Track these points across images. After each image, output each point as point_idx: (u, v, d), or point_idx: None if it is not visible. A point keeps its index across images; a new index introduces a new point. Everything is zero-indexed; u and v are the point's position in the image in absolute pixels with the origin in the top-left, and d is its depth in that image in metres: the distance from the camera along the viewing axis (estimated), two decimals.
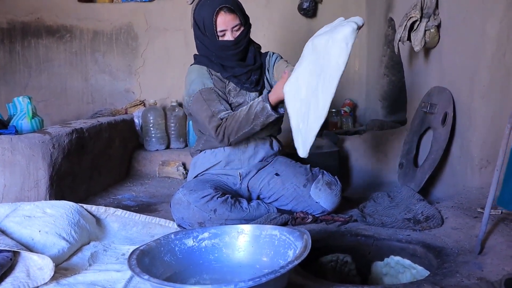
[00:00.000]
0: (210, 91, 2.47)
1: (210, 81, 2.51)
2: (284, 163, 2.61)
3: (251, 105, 2.36)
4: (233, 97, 2.54)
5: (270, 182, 2.54)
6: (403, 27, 2.84)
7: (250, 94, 2.56)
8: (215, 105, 2.43)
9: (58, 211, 2.13)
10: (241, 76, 2.54)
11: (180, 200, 2.37)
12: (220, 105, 2.44)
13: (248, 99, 2.54)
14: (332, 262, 2.20)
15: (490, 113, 2.35)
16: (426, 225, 2.19)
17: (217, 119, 2.39)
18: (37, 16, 4.36)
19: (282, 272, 1.38)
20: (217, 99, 2.45)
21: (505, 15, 2.22)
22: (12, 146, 2.54)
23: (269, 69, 2.65)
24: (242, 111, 2.37)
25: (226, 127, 2.38)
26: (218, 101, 2.45)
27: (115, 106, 4.34)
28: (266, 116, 2.33)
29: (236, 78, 2.53)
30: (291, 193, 2.48)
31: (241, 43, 2.50)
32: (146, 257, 1.62)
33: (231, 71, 2.53)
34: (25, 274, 1.71)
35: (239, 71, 2.53)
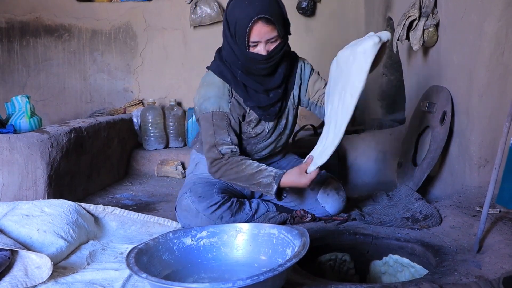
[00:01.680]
0: (223, 117, 2.26)
1: (227, 105, 2.28)
2: (291, 162, 2.56)
3: (261, 169, 2.19)
4: (252, 128, 2.36)
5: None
6: (401, 26, 2.84)
7: (269, 124, 2.39)
8: (221, 134, 2.24)
9: (56, 210, 2.12)
10: (266, 106, 2.33)
11: (189, 207, 2.29)
12: (227, 136, 2.25)
13: (266, 128, 2.38)
14: (331, 261, 2.20)
15: (489, 112, 2.35)
16: (425, 224, 2.20)
17: (217, 152, 2.23)
18: (35, 15, 4.35)
19: (280, 270, 1.38)
20: (227, 128, 2.26)
21: (503, 14, 2.22)
22: (11, 145, 2.54)
23: (301, 85, 2.44)
24: (250, 167, 2.20)
25: (226, 169, 2.22)
26: (227, 131, 2.25)
27: (113, 106, 4.35)
28: (266, 192, 2.20)
29: (261, 110, 2.32)
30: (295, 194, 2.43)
31: (274, 58, 2.22)
32: (144, 256, 1.62)
33: (256, 99, 2.30)
34: (23, 273, 1.70)
35: (264, 101, 2.31)
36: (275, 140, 2.46)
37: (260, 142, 2.42)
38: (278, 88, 2.33)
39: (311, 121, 3.91)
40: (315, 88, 2.43)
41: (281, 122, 2.43)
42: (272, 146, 2.47)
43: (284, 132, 2.47)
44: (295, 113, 2.49)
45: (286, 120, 2.45)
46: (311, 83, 2.44)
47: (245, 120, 2.34)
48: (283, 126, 2.45)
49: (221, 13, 4.16)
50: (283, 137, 2.48)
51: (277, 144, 2.48)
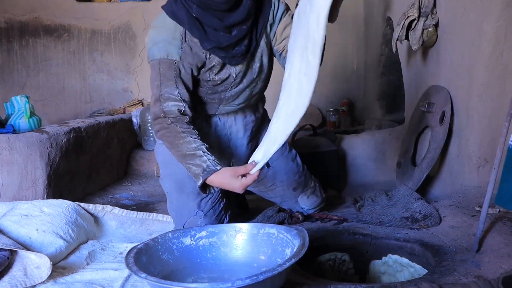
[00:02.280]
0: (171, 65, 1.95)
1: (177, 52, 1.95)
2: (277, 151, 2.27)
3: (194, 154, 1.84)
4: (215, 74, 2.04)
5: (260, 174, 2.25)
6: (401, 26, 2.84)
7: (235, 68, 2.05)
8: (168, 86, 1.94)
9: (55, 210, 2.12)
10: (227, 47, 1.97)
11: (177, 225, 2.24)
12: (174, 88, 1.94)
13: (233, 73, 2.05)
14: (330, 261, 2.19)
15: (488, 112, 2.35)
16: (424, 224, 2.20)
17: (161, 109, 1.93)
18: (35, 15, 4.36)
19: (280, 270, 1.38)
20: (174, 79, 1.94)
21: (502, 14, 2.22)
22: (10, 145, 2.54)
23: (272, 25, 2.07)
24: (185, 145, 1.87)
25: (164, 134, 1.94)
26: (174, 83, 1.94)
27: (113, 106, 4.35)
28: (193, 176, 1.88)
29: (222, 51, 1.97)
30: (279, 191, 2.37)
31: None
32: (144, 256, 1.61)
33: (214, 39, 1.95)
34: (22, 273, 1.70)
35: (225, 40, 1.95)
36: (248, 86, 2.13)
37: (229, 89, 2.10)
38: (242, 23, 1.96)
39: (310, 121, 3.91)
40: (284, 34, 2.06)
41: (253, 65, 2.08)
42: (247, 94, 2.15)
43: (259, 77, 2.13)
44: (270, 54, 2.13)
45: (261, 63, 2.10)
46: (281, 26, 2.07)
47: (206, 67, 2.02)
48: (258, 70, 2.10)
49: None
50: (258, 83, 2.15)
51: (252, 92, 2.16)
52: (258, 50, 2.07)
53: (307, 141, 3.16)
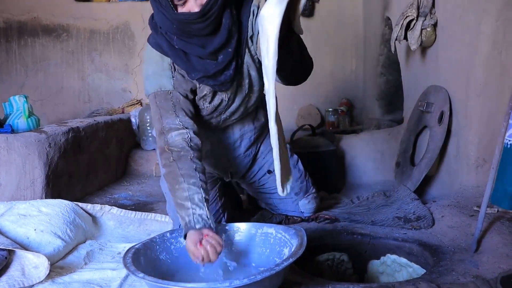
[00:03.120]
0: (166, 96, 1.91)
1: (169, 82, 1.92)
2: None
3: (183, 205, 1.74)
4: (209, 102, 2.00)
5: (261, 180, 2.36)
6: (399, 26, 2.84)
7: (227, 92, 2.01)
8: (169, 117, 1.89)
9: (53, 209, 2.12)
10: (214, 74, 1.90)
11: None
12: (174, 117, 1.88)
13: (225, 97, 2.01)
14: (329, 261, 2.19)
15: (486, 112, 2.35)
16: (416, 225, 2.19)
17: (165, 142, 1.87)
18: (33, 15, 4.36)
19: (277, 270, 1.38)
20: (173, 108, 1.90)
21: (500, 14, 2.22)
22: (8, 145, 2.53)
23: (252, 37, 1.93)
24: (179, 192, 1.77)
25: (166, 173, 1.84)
26: (173, 112, 1.89)
27: (112, 105, 4.35)
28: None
29: (210, 79, 1.91)
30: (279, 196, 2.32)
31: (212, 12, 1.76)
32: (142, 256, 1.61)
33: (201, 68, 1.88)
34: (20, 273, 1.70)
35: (211, 68, 1.88)
36: (241, 104, 2.09)
37: (223, 112, 2.08)
38: (226, 46, 1.87)
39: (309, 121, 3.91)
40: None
41: (242, 82, 2.02)
42: (241, 110, 2.12)
43: (251, 91, 2.07)
44: (259, 66, 2.01)
45: (249, 79, 2.02)
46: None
47: (198, 95, 1.99)
48: (248, 87, 2.04)
49: None
50: (252, 97, 2.09)
51: (247, 106, 2.12)
52: (244, 67, 1.99)
53: (306, 141, 3.16)
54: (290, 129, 3.37)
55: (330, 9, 4.35)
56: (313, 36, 4.30)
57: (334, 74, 4.50)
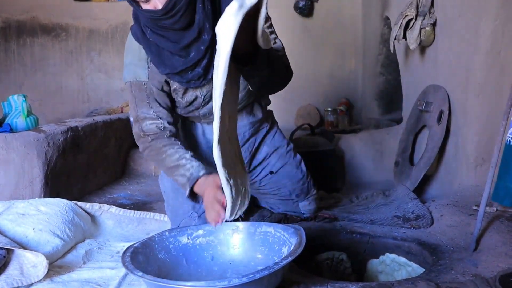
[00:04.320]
0: (140, 87, 1.94)
1: (144, 72, 1.93)
2: (280, 157, 2.28)
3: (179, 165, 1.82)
4: (181, 96, 1.99)
5: (263, 180, 2.30)
6: (398, 26, 2.84)
7: (201, 90, 1.98)
8: (142, 107, 1.94)
9: (52, 208, 2.12)
10: (183, 71, 1.88)
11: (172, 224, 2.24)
12: (148, 108, 1.93)
13: (200, 94, 1.98)
14: (328, 260, 2.19)
15: (485, 111, 2.36)
16: (415, 224, 2.19)
17: (139, 129, 1.95)
18: (32, 15, 4.35)
19: (276, 268, 1.38)
20: (147, 99, 1.94)
21: (499, 13, 2.22)
22: (7, 144, 2.53)
23: None
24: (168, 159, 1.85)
25: (149, 154, 1.95)
26: (147, 103, 1.93)
27: (111, 105, 4.34)
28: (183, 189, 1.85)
29: (178, 75, 1.90)
30: (282, 196, 2.33)
31: (177, 9, 1.71)
32: (140, 255, 1.61)
33: (169, 64, 1.87)
34: (18, 272, 1.70)
35: (180, 65, 1.86)
36: None
37: (201, 108, 2.05)
38: (198, 42, 1.82)
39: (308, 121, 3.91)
40: None
41: None
42: None
43: None
44: None
45: None
46: None
47: (170, 88, 1.99)
48: None
49: None
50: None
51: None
52: None
53: (305, 141, 3.16)
54: (289, 129, 3.37)
55: (329, 8, 4.35)
56: (312, 36, 4.30)
57: (333, 73, 4.50)
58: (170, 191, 2.25)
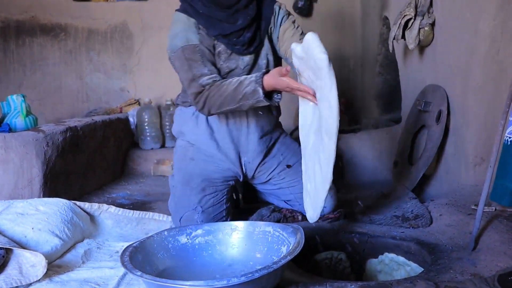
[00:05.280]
0: (194, 49, 2.10)
1: (196, 37, 2.13)
2: (294, 153, 2.40)
3: (241, 81, 1.98)
4: (224, 61, 2.18)
5: (281, 174, 2.38)
6: (397, 25, 2.84)
7: (243, 58, 2.20)
8: (197, 67, 2.08)
9: (51, 208, 2.12)
10: (231, 35, 2.14)
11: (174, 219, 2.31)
12: (203, 67, 2.09)
13: (241, 64, 2.19)
14: (327, 260, 2.19)
15: (484, 111, 2.36)
16: (414, 223, 2.19)
17: (198, 85, 2.06)
18: (31, 15, 4.34)
19: (275, 267, 1.38)
20: (201, 59, 2.10)
21: (498, 13, 2.22)
22: (6, 144, 2.53)
23: (273, 29, 2.24)
24: (230, 84, 2.01)
25: (209, 97, 2.04)
26: (202, 63, 2.09)
27: (110, 105, 4.34)
28: (256, 100, 1.96)
29: (226, 38, 2.14)
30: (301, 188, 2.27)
31: None
32: (139, 254, 1.61)
33: (220, 28, 2.13)
34: (17, 271, 1.70)
35: (228, 28, 2.13)
36: None
37: None
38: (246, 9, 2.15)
39: None
40: (285, 37, 2.22)
41: (259, 61, 2.23)
42: None
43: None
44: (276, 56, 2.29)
45: (267, 60, 2.24)
46: (282, 30, 2.24)
47: (215, 50, 2.17)
48: (264, 67, 2.23)
49: None
50: None
51: None
52: (264, 49, 2.22)
53: None
54: (288, 129, 3.36)
55: (328, 8, 4.35)
56: None
57: None
58: (178, 184, 2.31)
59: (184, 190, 2.28)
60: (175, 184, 2.33)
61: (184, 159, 2.32)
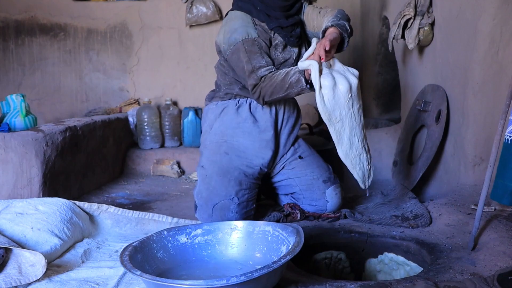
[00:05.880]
0: (253, 42, 2.30)
1: (254, 31, 2.33)
2: (308, 149, 2.60)
3: (287, 72, 2.17)
4: (280, 52, 2.39)
5: (292, 163, 2.52)
6: (397, 25, 2.84)
7: (294, 50, 2.43)
8: (256, 59, 2.26)
9: (50, 208, 2.11)
10: (287, 28, 2.37)
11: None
12: (261, 59, 2.27)
13: (293, 55, 2.41)
14: (326, 260, 2.19)
15: (484, 110, 2.36)
16: (414, 223, 2.19)
17: (257, 77, 2.24)
18: (30, 14, 4.33)
19: (274, 267, 1.38)
20: (259, 51, 2.29)
21: (497, 13, 2.22)
22: (5, 144, 2.53)
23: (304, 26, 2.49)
24: (279, 75, 2.20)
25: (262, 88, 2.23)
26: (260, 55, 2.28)
27: (109, 105, 4.34)
28: (300, 88, 2.13)
29: (283, 31, 2.36)
30: (308, 180, 2.49)
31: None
32: (139, 254, 1.61)
33: (277, 22, 2.36)
34: (17, 271, 1.70)
35: (285, 23, 2.36)
36: None
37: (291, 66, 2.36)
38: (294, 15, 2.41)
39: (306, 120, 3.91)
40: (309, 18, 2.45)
41: (302, 51, 2.43)
42: None
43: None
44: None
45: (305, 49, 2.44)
46: (305, 17, 2.46)
47: (272, 45, 2.38)
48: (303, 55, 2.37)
49: (216, 12, 4.15)
50: None
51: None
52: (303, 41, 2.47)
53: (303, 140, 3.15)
54: None
55: None
56: None
57: None
58: (214, 174, 2.38)
59: (221, 180, 2.35)
60: (209, 174, 2.40)
61: (219, 152, 2.42)
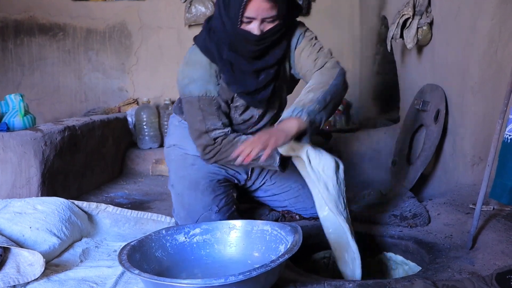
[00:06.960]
0: (210, 101, 2.03)
1: (215, 88, 2.03)
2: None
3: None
4: (239, 114, 2.13)
5: (272, 178, 2.35)
6: (395, 25, 2.84)
7: (258, 110, 2.15)
8: (211, 120, 2.03)
9: (49, 207, 2.11)
10: (254, 92, 2.03)
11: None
12: (217, 120, 2.04)
13: (256, 114, 2.15)
14: (325, 259, 2.19)
15: (482, 110, 2.36)
16: (412, 223, 2.19)
17: (210, 138, 2.03)
18: (30, 14, 4.34)
19: (273, 266, 1.38)
20: (217, 113, 2.04)
21: (496, 12, 2.22)
22: (4, 144, 2.53)
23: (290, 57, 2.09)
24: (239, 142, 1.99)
25: (220, 151, 2.04)
26: (217, 116, 2.04)
27: (108, 105, 4.34)
28: (268, 166, 2.01)
29: (249, 96, 2.05)
30: (294, 192, 2.35)
31: (266, 41, 1.92)
32: (137, 253, 1.61)
33: (242, 83, 2.01)
34: (15, 270, 1.69)
35: (251, 85, 2.01)
36: (269, 121, 2.21)
37: (251, 127, 2.19)
38: (270, 67, 2.01)
39: None
40: (301, 58, 2.05)
41: (273, 105, 2.17)
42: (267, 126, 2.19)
43: (280, 111, 2.19)
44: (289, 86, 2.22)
45: (280, 101, 2.20)
46: (297, 52, 2.07)
47: (232, 105, 2.11)
48: (277, 107, 2.20)
49: None
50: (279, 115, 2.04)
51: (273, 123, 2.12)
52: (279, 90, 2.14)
53: None
54: None
55: (326, 8, 4.35)
56: None
57: None
58: (185, 190, 2.26)
59: (194, 194, 2.22)
60: (180, 192, 2.27)
61: (185, 166, 2.26)
